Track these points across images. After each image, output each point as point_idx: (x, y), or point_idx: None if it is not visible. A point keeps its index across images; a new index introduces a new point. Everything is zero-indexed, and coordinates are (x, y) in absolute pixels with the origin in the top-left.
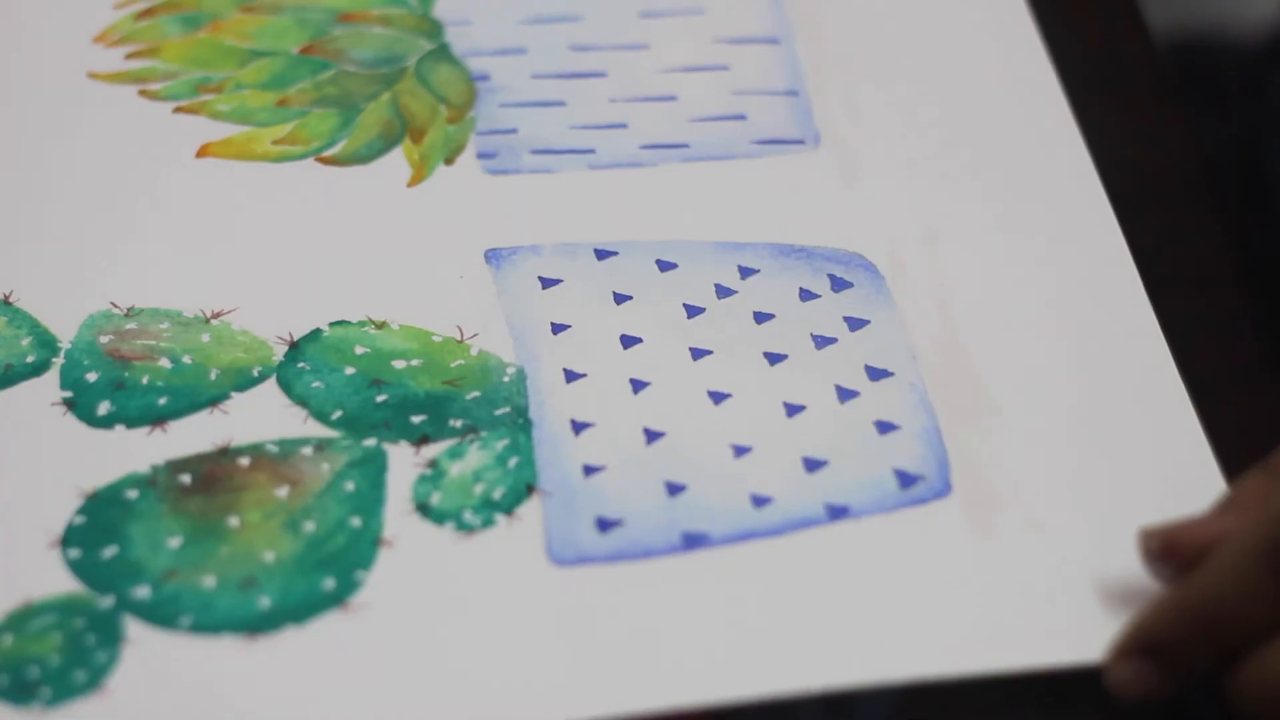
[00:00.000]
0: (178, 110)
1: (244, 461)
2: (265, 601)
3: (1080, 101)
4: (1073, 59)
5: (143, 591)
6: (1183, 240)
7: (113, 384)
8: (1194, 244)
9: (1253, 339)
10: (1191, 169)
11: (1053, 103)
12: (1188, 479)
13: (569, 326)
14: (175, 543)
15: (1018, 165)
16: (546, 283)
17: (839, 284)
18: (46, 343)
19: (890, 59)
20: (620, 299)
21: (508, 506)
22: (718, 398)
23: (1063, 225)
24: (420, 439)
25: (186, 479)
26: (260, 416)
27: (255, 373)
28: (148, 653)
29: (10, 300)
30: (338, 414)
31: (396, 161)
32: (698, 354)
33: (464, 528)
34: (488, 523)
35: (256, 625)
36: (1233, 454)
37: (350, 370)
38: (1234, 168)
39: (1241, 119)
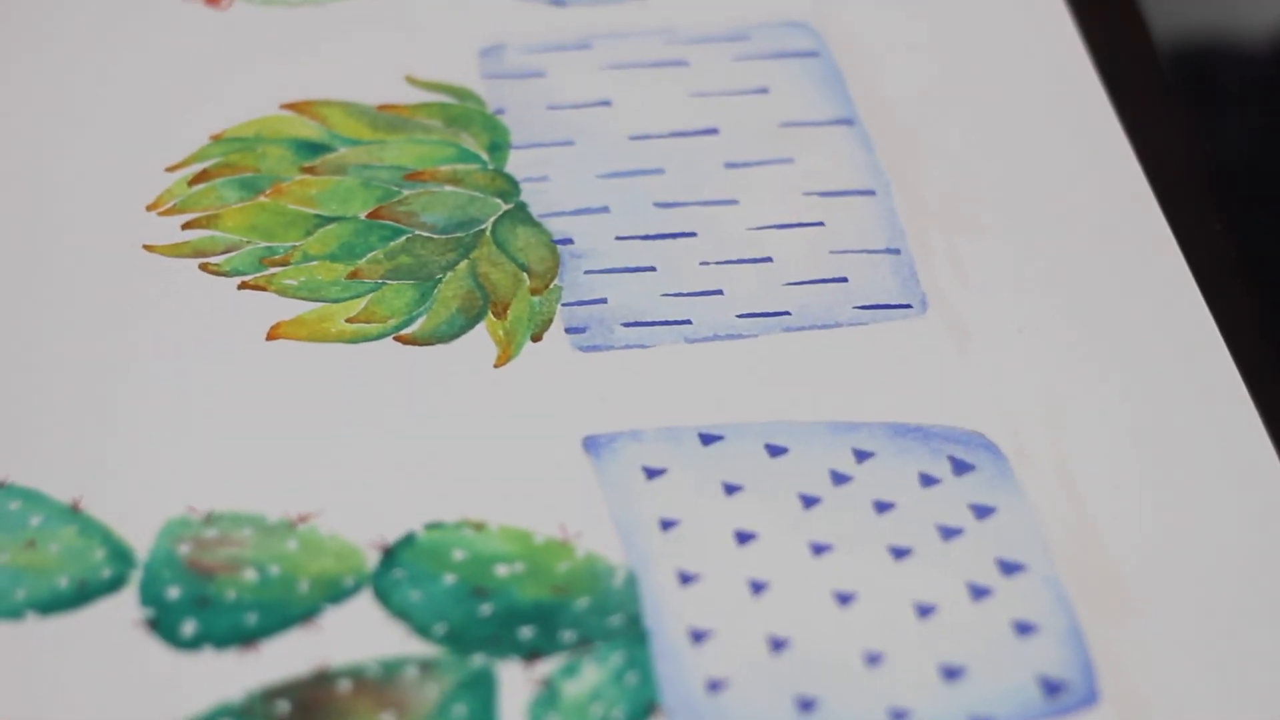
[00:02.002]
0: (243, 286)
1: (345, 686)
2: None
3: None
4: None
5: None
6: (1184, 241)
7: (196, 600)
8: (1196, 244)
9: (1253, 339)
10: (1195, 170)
11: (1165, 249)
12: None
13: (678, 522)
14: None
15: (1136, 322)
16: (651, 473)
17: (960, 467)
18: (121, 554)
19: (990, 206)
20: (730, 490)
21: None
22: (843, 599)
23: (1192, 394)
24: (530, 654)
25: (285, 707)
26: (357, 632)
27: (348, 583)
28: None
29: (79, 507)
30: (441, 628)
31: (480, 339)
32: (818, 549)
33: None
34: None
35: None
36: None
37: (450, 578)
38: (1237, 168)
39: (1245, 120)
